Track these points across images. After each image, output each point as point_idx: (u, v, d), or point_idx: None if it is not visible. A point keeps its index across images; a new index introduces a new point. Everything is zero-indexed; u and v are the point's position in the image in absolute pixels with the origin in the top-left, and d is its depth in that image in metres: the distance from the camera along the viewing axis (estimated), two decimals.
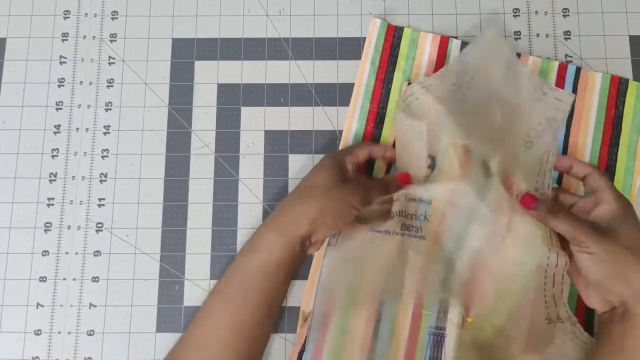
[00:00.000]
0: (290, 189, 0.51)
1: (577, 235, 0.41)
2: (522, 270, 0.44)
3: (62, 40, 0.54)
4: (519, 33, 0.53)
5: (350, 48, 0.53)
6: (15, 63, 0.53)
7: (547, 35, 0.53)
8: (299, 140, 0.52)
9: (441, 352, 0.44)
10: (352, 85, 0.52)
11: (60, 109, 0.53)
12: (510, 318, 0.44)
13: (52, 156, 0.52)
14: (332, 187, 0.44)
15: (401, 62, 0.52)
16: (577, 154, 0.49)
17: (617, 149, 0.49)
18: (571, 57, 0.52)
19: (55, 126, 0.52)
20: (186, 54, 0.54)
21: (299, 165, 0.51)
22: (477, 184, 0.45)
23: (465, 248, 0.45)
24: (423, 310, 0.45)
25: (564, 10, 0.54)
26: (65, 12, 0.55)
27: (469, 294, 0.45)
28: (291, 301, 0.49)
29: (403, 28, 0.53)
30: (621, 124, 0.50)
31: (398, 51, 0.52)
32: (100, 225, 0.51)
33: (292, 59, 0.53)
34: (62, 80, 0.53)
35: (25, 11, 0.55)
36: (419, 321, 0.45)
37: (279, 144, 0.52)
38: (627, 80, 0.51)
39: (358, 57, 0.53)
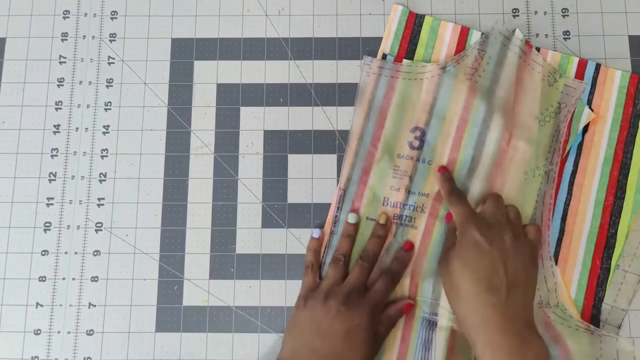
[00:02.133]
0: (290, 189, 0.51)
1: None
2: None
3: (62, 40, 0.54)
4: None
5: (349, 48, 0.53)
6: (14, 63, 0.53)
7: (546, 35, 0.53)
8: (298, 140, 0.52)
9: (433, 334, 0.47)
10: (351, 85, 0.52)
11: (60, 108, 0.53)
12: None
13: (52, 156, 0.52)
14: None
15: (420, 50, 0.52)
16: (593, 150, 0.50)
17: (633, 147, 0.49)
18: None
19: (54, 126, 0.52)
20: (185, 54, 0.54)
21: (298, 165, 0.51)
22: (465, 172, 0.49)
23: None
24: (417, 297, 0.48)
25: (564, 10, 0.54)
26: (65, 12, 0.55)
27: None
28: (290, 301, 0.49)
29: (424, 16, 0.53)
30: (639, 122, 0.50)
31: (418, 39, 0.52)
32: (100, 225, 0.51)
33: (291, 59, 0.53)
34: (62, 80, 0.53)
35: (24, 11, 0.55)
36: (414, 307, 0.47)
37: (278, 144, 0.52)
38: None
39: (358, 57, 0.53)
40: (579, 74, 0.51)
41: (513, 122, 0.49)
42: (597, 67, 0.51)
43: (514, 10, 0.54)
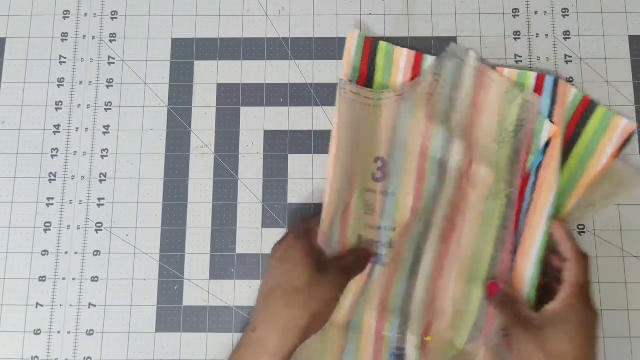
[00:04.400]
0: (290, 189, 0.51)
1: (511, 330, 0.42)
2: (477, 288, 0.46)
3: (62, 40, 0.54)
4: (518, 33, 0.53)
5: None
6: (14, 63, 0.53)
7: (546, 36, 0.53)
8: (299, 140, 0.52)
9: None
10: None
11: (60, 108, 0.53)
12: (471, 338, 0.46)
13: (52, 156, 0.52)
14: (313, 286, 0.41)
15: (378, 77, 0.51)
16: (552, 164, 0.46)
17: (563, 169, 0.48)
18: (570, 57, 0.52)
19: (54, 126, 0.52)
20: (186, 54, 0.54)
21: (298, 165, 0.51)
22: (430, 199, 0.47)
23: (423, 266, 0.47)
24: (384, 333, 0.46)
25: (564, 10, 0.54)
26: (65, 12, 0.55)
27: (429, 314, 0.47)
28: None
29: (378, 42, 0.52)
30: (574, 146, 0.48)
31: (375, 65, 0.51)
32: (100, 225, 0.51)
33: (291, 59, 0.53)
34: (62, 80, 0.53)
35: (24, 11, 0.55)
36: (382, 343, 0.46)
37: (278, 144, 0.52)
38: (597, 105, 0.49)
39: None
40: (538, 89, 0.49)
41: (473, 146, 0.48)
42: (556, 81, 0.49)
43: (514, 10, 0.54)
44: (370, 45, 0.52)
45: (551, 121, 0.47)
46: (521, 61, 0.52)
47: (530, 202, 0.46)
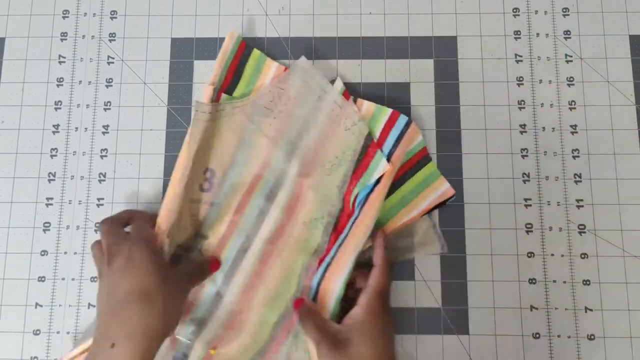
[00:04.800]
0: None
1: (317, 349, 0.42)
2: (274, 314, 0.47)
3: (61, 40, 0.54)
4: (518, 33, 0.53)
5: (350, 47, 0.53)
6: (14, 62, 0.53)
7: (547, 35, 0.53)
8: None
9: None
10: (351, 84, 0.52)
11: (59, 108, 0.53)
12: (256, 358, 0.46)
13: (51, 156, 0.52)
14: (166, 290, 0.40)
15: (242, 85, 0.51)
16: (376, 203, 0.46)
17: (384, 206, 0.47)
18: (571, 56, 0.52)
19: (54, 126, 0.52)
20: (185, 53, 0.53)
21: None
22: (255, 216, 0.48)
23: (234, 282, 0.47)
24: (177, 336, 0.46)
25: (564, 10, 0.53)
26: (64, 12, 0.55)
27: (225, 329, 0.47)
28: None
29: (252, 48, 0.51)
30: (397, 189, 0.48)
31: (242, 72, 0.51)
32: (99, 225, 0.50)
33: (291, 59, 0.53)
34: (61, 79, 0.53)
35: (24, 11, 0.54)
36: (174, 345, 0.46)
37: None
38: (429, 160, 0.50)
39: (358, 56, 0.53)
40: (389, 126, 0.49)
41: (309, 172, 0.48)
42: (408, 123, 0.49)
43: (514, 10, 0.53)
44: (243, 51, 0.51)
45: (389, 160, 0.47)
46: (521, 60, 0.52)
47: (347, 234, 0.46)
